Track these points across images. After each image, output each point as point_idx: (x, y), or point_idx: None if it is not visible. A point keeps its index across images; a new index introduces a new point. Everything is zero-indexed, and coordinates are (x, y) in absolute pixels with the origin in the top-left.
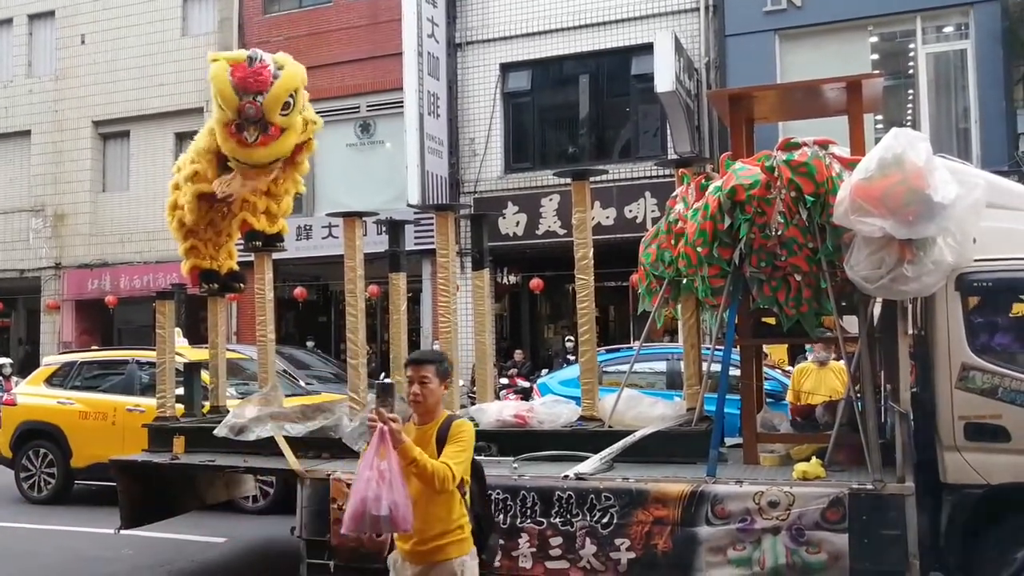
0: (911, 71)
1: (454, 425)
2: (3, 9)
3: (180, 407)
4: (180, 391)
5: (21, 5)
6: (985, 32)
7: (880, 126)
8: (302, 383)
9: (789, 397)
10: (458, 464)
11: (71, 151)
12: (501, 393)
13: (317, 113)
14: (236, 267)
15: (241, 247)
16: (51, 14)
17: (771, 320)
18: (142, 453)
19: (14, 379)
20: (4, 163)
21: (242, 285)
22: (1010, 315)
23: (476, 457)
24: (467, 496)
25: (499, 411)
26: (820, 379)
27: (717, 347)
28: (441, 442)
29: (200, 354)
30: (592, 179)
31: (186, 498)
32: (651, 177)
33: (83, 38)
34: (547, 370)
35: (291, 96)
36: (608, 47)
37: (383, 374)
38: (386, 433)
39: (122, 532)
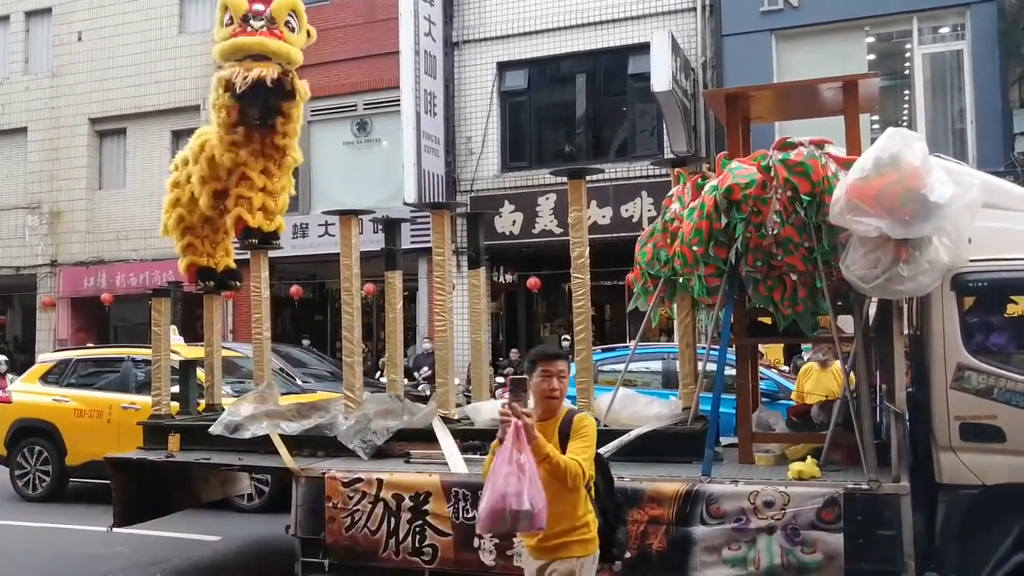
0: (907, 71)
1: (576, 420)
2: (0, 6)
3: (175, 405)
4: (176, 389)
5: (18, 2)
6: (981, 33)
7: (876, 126)
8: (299, 381)
9: (793, 397)
10: (586, 460)
11: (67, 148)
12: (497, 392)
13: (313, 111)
14: (233, 264)
15: (237, 244)
16: (48, 11)
17: (767, 319)
18: (137, 451)
19: (9, 376)
20: (0, 160)
21: (238, 283)
22: (1005, 315)
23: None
24: (591, 491)
25: (494, 410)
26: (819, 380)
27: (713, 346)
28: (564, 437)
29: (195, 352)
30: (589, 178)
31: (181, 496)
32: (647, 176)
33: (80, 35)
34: None
35: (292, 14)
36: (605, 46)
37: (378, 373)
38: (520, 428)
39: (116, 530)
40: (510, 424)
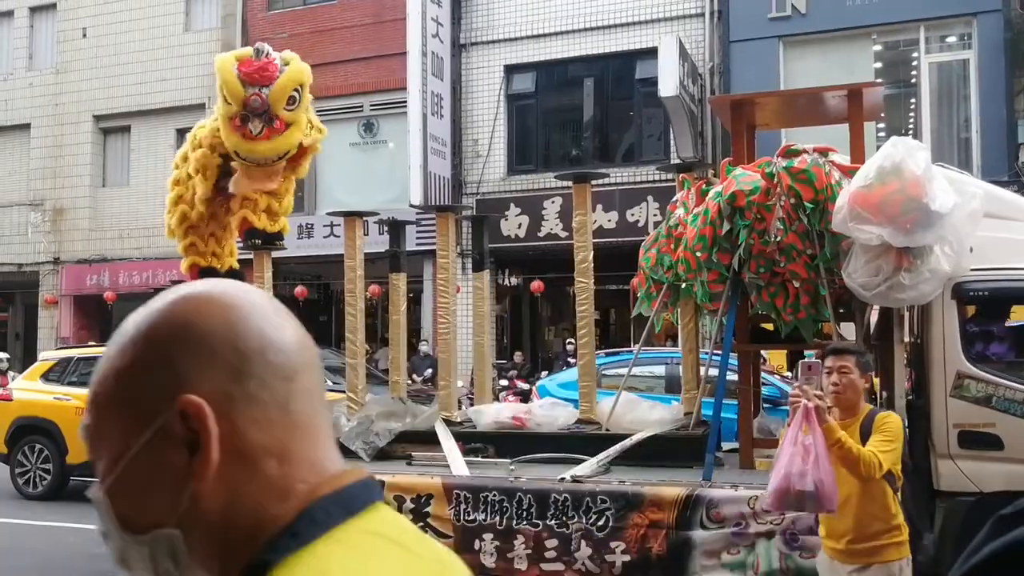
0: (913, 80)
1: (878, 417)
2: (4, 1)
3: None
4: None
5: None
6: (988, 43)
7: (882, 134)
8: (328, 383)
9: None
10: (884, 453)
11: (71, 145)
12: (501, 395)
13: (319, 111)
14: (237, 265)
15: (241, 245)
16: (52, 7)
17: (769, 326)
18: None
19: (11, 374)
20: (3, 156)
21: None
22: (1006, 325)
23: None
24: (898, 494)
25: (497, 413)
26: None
27: (715, 352)
28: (865, 436)
29: None
30: (594, 182)
31: None
32: (654, 181)
33: (85, 31)
34: (547, 372)
35: (296, 91)
36: (613, 51)
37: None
38: (811, 410)
39: None
40: (799, 406)
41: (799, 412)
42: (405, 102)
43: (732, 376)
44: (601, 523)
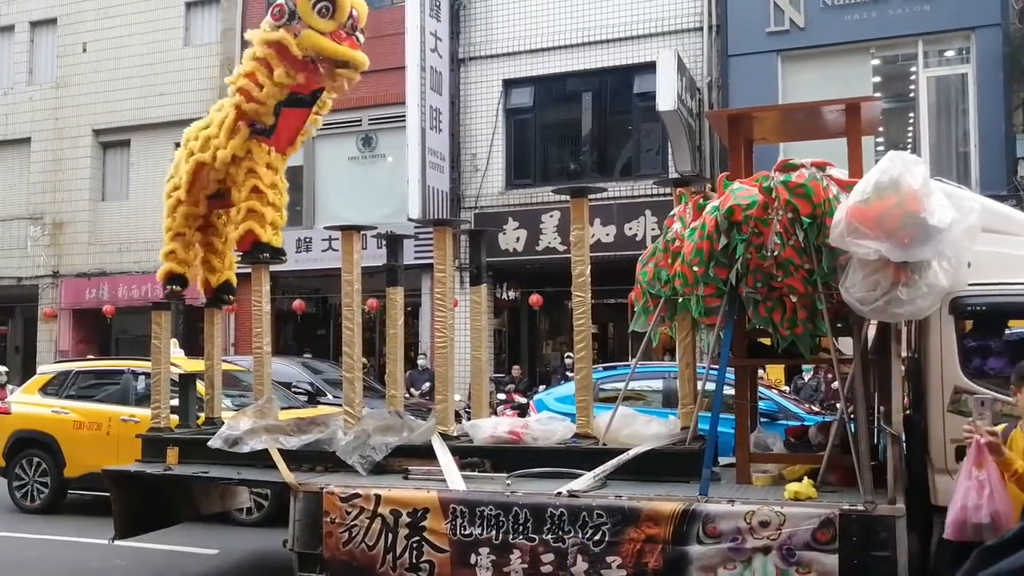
0: (912, 94)
1: None
2: (5, 16)
3: (175, 418)
4: (176, 402)
5: (23, 12)
6: (986, 57)
7: (881, 148)
8: (330, 396)
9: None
10: None
11: (71, 159)
12: (498, 409)
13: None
14: (234, 280)
15: (239, 258)
16: (53, 22)
17: (767, 340)
18: (135, 463)
19: (9, 387)
20: (3, 170)
21: (232, 297)
22: (1003, 339)
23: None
24: None
25: (494, 427)
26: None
27: (712, 366)
28: None
29: (196, 365)
30: (592, 196)
31: (180, 508)
32: (651, 195)
33: (85, 46)
34: (545, 386)
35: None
36: (611, 65)
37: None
38: (982, 446)
39: (115, 543)
40: (972, 441)
41: (972, 447)
42: (404, 116)
43: (729, 390)
44: (597, 538)
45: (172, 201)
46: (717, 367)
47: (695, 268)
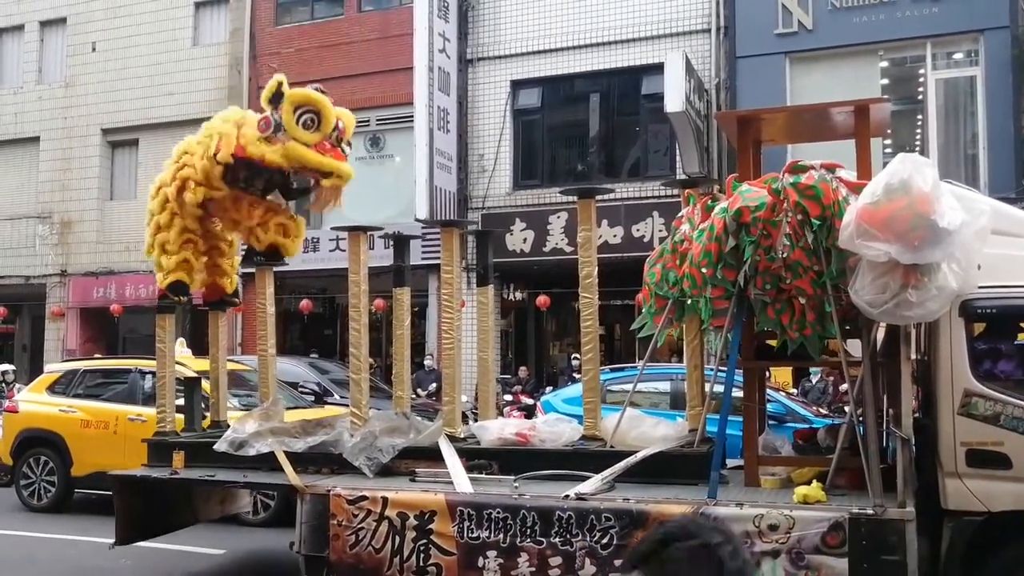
0: (921, 96)
1: None
2: (14, 16)
3: (180, 418)
4: (181, 402)
5: (32, 12)
6: (995, 59)
7: (889, 150)
8: (337, 396)
9: None
10: None
11: (79, 158)
12: (505, 410)
13: None
14: (238, 285)
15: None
16: (62, 21)
17: (775, 342)
18: (141, 468)
19: (16, 386)
20: (12, 169)
21: (238, 300)
22: (1014, 342)
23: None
24: None
25: (500, 429)
26: None
27: (720, 368)
28: None
29: (202, 364)
30: (600, 197)
31: (180, 515)
32: (659, 196)
33: (94, 46)
34: (552, 387)
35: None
36: (619, 66)
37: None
38: None
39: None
40: None
41: None
42: (411, 117)
43: (737, 393)
44: (605, 541)
45: (167, 215)
46: (725, 369)
47: (703, 270)
